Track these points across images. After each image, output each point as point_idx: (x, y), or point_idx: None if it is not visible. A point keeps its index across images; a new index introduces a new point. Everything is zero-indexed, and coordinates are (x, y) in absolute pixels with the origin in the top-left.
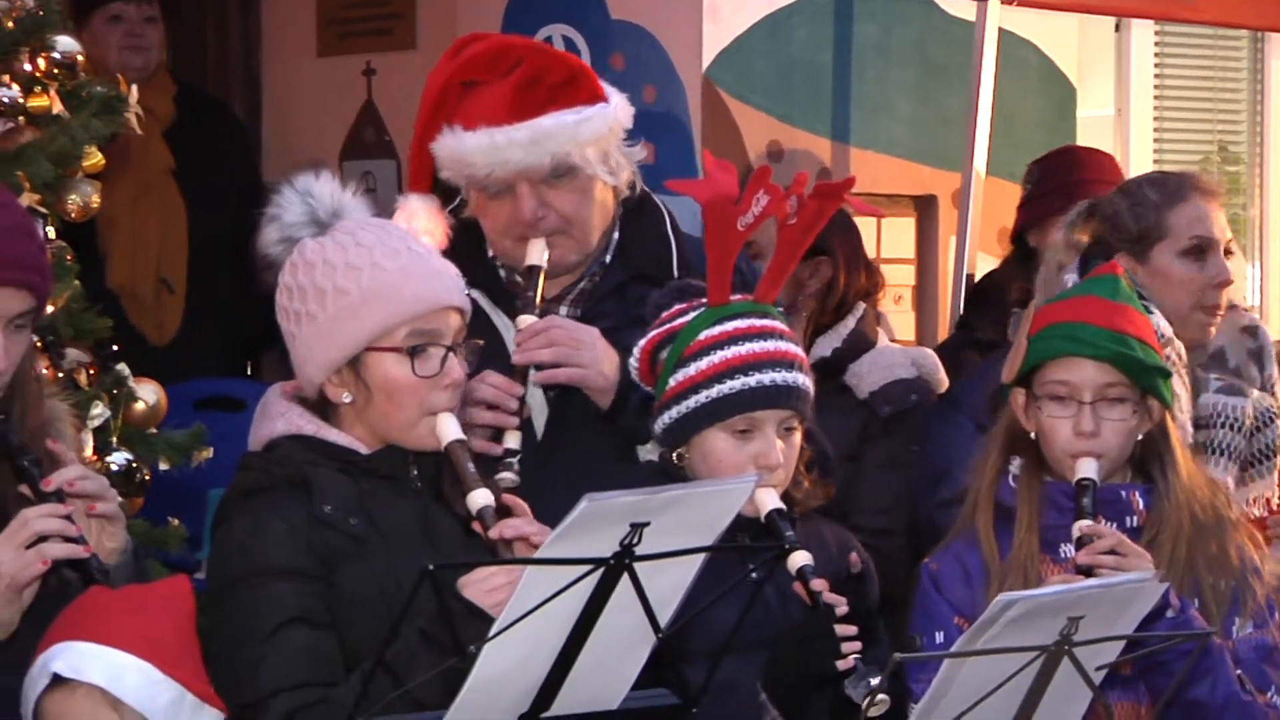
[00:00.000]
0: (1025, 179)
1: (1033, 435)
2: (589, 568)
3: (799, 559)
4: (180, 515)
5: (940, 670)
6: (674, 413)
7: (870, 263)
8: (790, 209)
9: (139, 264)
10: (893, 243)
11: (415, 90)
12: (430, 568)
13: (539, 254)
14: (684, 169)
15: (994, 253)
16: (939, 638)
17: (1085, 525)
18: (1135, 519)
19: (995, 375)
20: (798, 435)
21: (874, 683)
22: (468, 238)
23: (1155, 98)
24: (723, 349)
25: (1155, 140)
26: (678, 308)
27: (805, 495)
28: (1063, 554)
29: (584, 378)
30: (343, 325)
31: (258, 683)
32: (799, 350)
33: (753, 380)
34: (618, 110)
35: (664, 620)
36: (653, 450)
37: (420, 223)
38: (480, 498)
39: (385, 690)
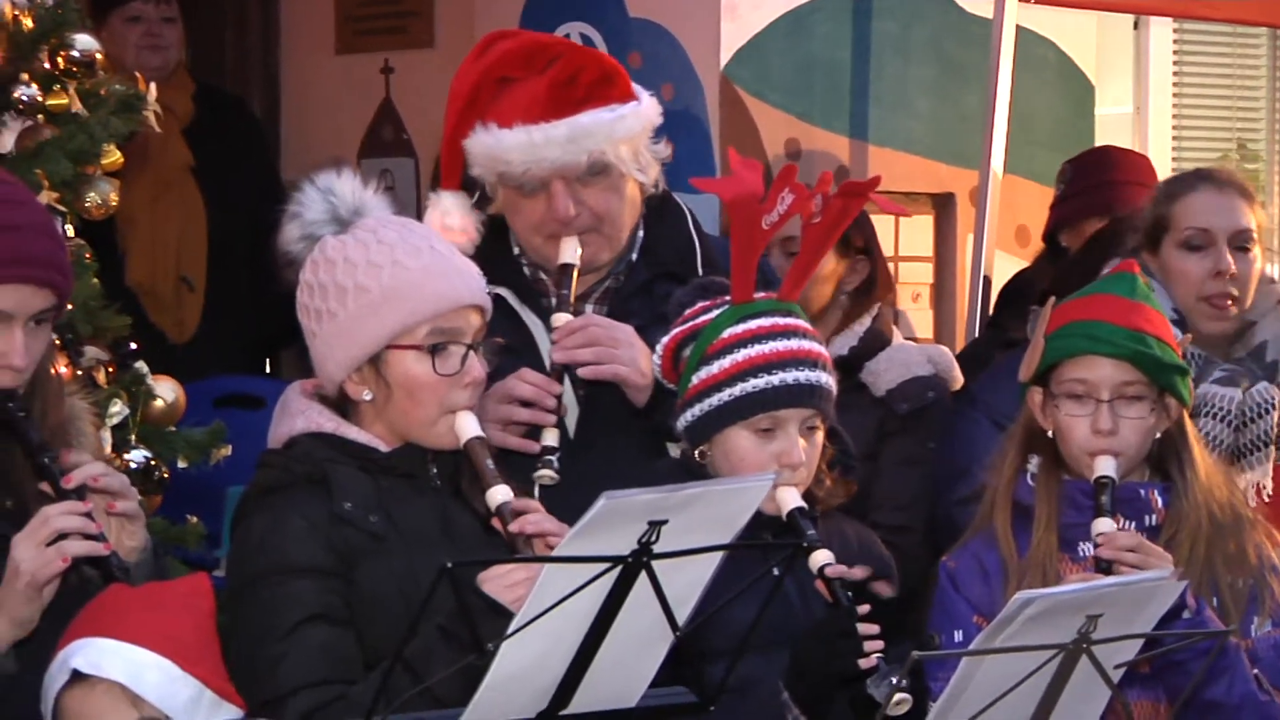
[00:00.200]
0: (1058, 178)
1: (1050, 434)
2: (607, 565)
3: (821, 557)
4: (199, 513)
5: (958, 668)
6: (696, 410)
7: (885, 261)
8: (815, 208)
9: (158, 262)
10: (911, 241)
11: (433, 88)
12: (449, 565)
13: (572, 252)
14: (702, 167)
15: (1012, 251)
16: (958, 636)
17: (1104, 525)
18: (1154, 517)
19: (1014, 373)
20: (820, 434)
21: (896, 682)
22: (492, 234)
23: (1174, 95)
24: (746, 347)
25: (1174, 138)
26: (701, 305)
27: (827, 493)
28: (1081, 552)
29: (623, 375)
30: (363, 323)
31: (278, 680)
32: (822, 349)
33: (776, 379)
34: (649, 109)
35: (682, 618)
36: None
37: (454, 220)
38: (499, 495)
39: (404, 687)
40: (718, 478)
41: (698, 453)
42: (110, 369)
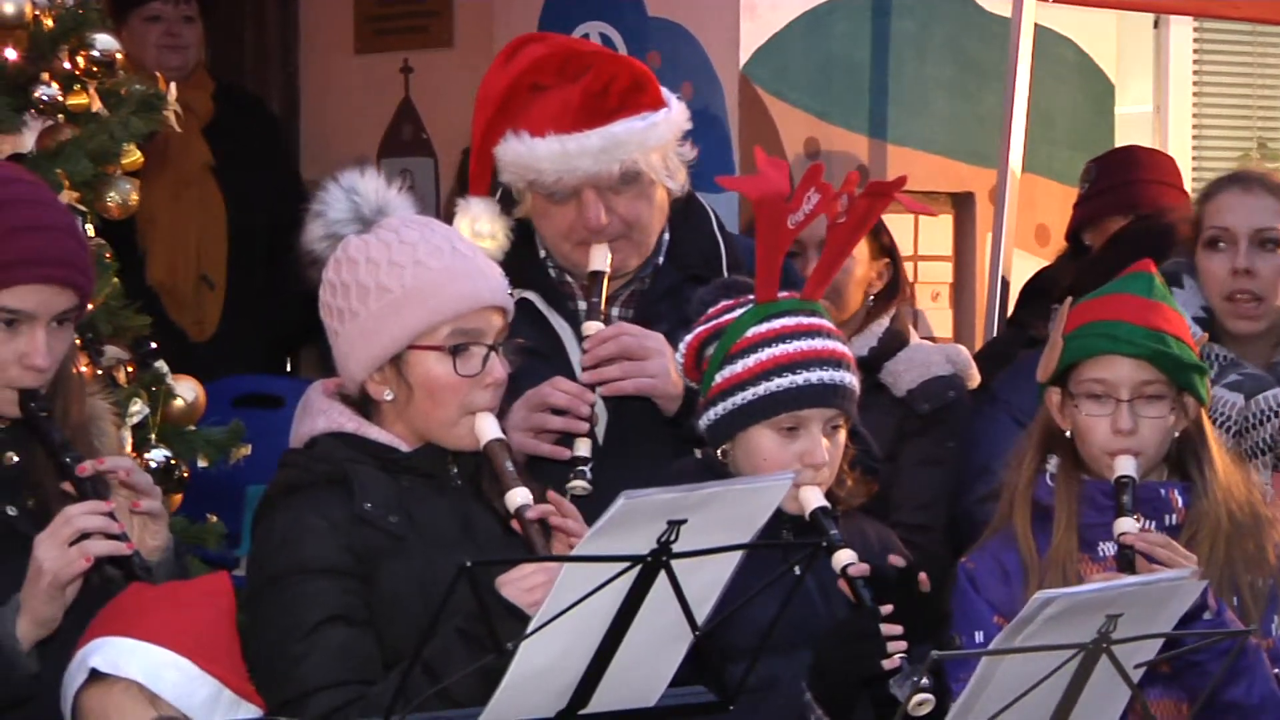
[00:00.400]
0: (1082, 177)
1: (1068, 434)
2: (626, 565)
3: (844, 557)
4: (218, 512)
5: (978, 668)
6: (719, 409)
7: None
8: (840, 208)
9: (178, 260)
10: (930, 240)
11: (452, 88)
12: (467, 565)
13: (603, 260)
14: (721, 166)
15: (1031, 250)
16: (978, 637)
17: (1126, 525)
18: (1174, 517)
19: (1035, 372)
20: (842, 434)
21: (919, 682)
22: (518, 238)
23: (1194, 94)
24: (770, 346)
25: (1194, 137)
26: (724, 304)
27: (848, 493)
28: (1101, 553)
29: (653, 387)
30: (385, 323)
31: (297, 680)
32: (846, 349)
33: (800, 379)
34: (678, 115)
35: (702, 617)
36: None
37: (484, 225)
38: (518, 497)
39: (423, 688)
40: (740, 477)
41: (720, 452)
42: (130, 368)
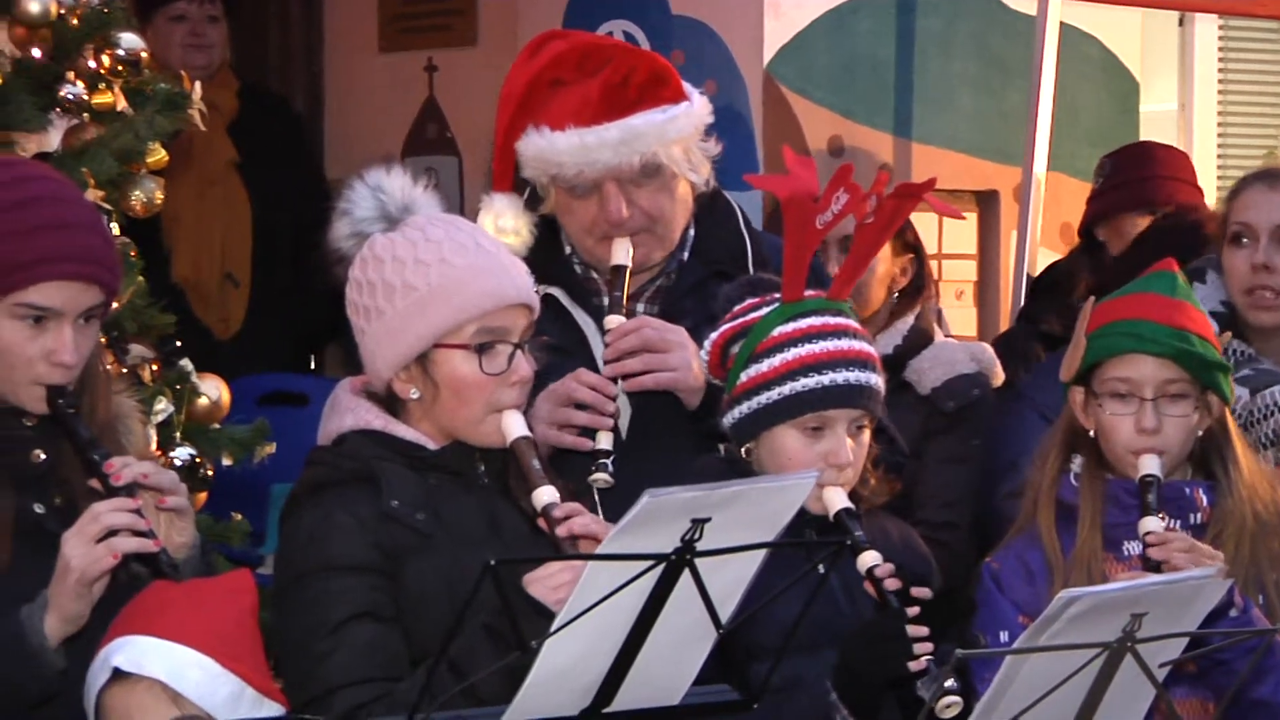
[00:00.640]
0: (1096, 172)
1: (1092, 433)
2: (650, 563)
3: (869, 558)
4: (243, 510)
5: (1002, 667)
6: (744, 408)
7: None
8: (869, 208)
9: (203, 258)
10: (954, 238)
11: (477, 86)
12: (492, 563)
13: (625, 253)
14: (745, 164)
15: (1056, 248)
16: (1003, 636)
17: (1152, 524)
18: (1199, 516)
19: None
20: (867, 433)
21: (947, 684)
22: (544, 234)
23: (1219, 92)
24: (796, 346)
25: (1219, 135)
26: (749, 302)
27: (871, 492)
28: (1126, 552)
29: (674, 381)
30: (411, 321)
31: (324, 677)
32: (872, 349)
33: (826, 379)
34: (700, 108)
35: (725, 616)
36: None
37: (507, 221)
38: (545, 494)
39: (448, 685)
40: (764, 475)
41: (744, 450)
42: (155, 367)
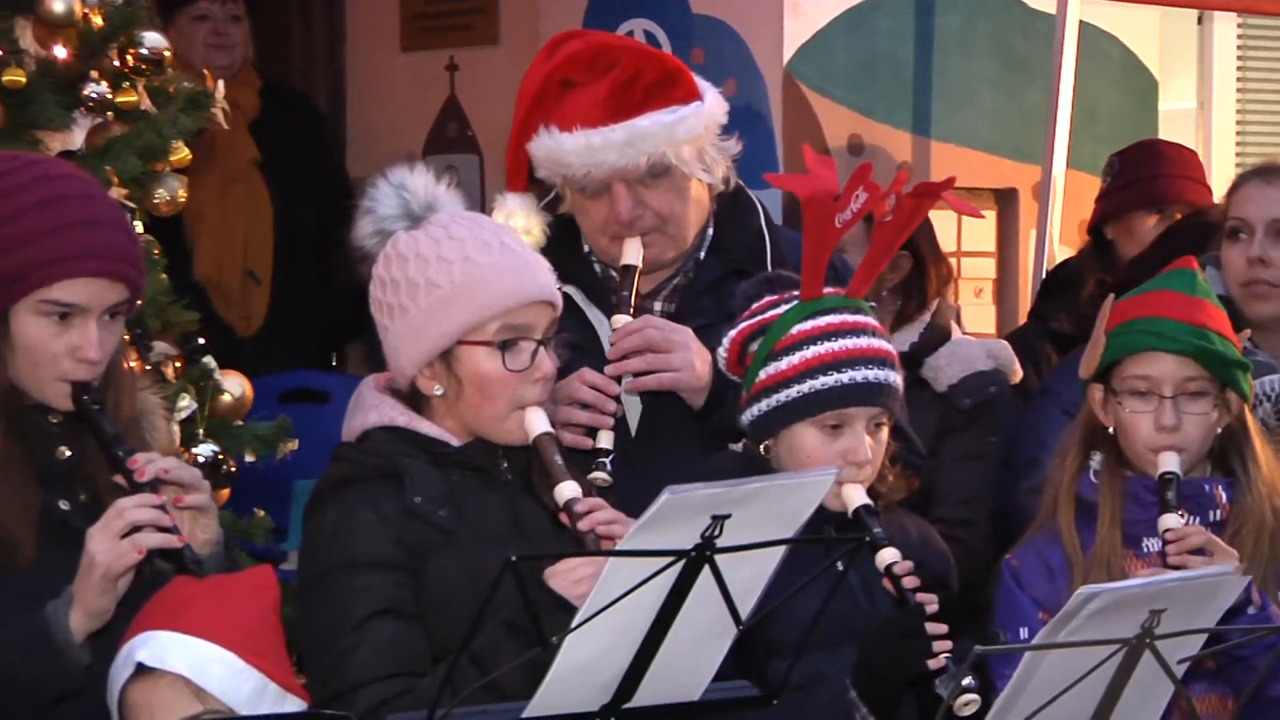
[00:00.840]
0: (1105, 171)
1: (1111, 430)
2: (671, 559)
3: (888, 555)
4: (265, 506)
5: (1021, 663)
6: (763, 406)
7: (943, 255)
8: (888, 207)
9: (225, 255)
10: (973, 236)
11: (498, 85)
12: (514, 558)
13: (635, 254)
14: (765, 163)
15: (1075, 246)
16: (1023, 633)
17: (1171, 521)
18: (1218, 513)
19: None
20: (885, 431)
21: (965, 682)
22: (563, 234)
23: (1238, 91)
24: (815, 344)
25: (1238, 133)
26: (768, 299)
27: (889, 489)
28: (1145, 548)
29: (676, 381)
30: (434, 318)
31: (347, 673)
32: (890, 347)
33: (845, 377)
34: (713, 108)
35: (745, 612)
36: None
37: (519, 221)
38: (567, 490)
39: (470, 680)
40: (783, 473)
41: (763, 447)
42: (178, 364)
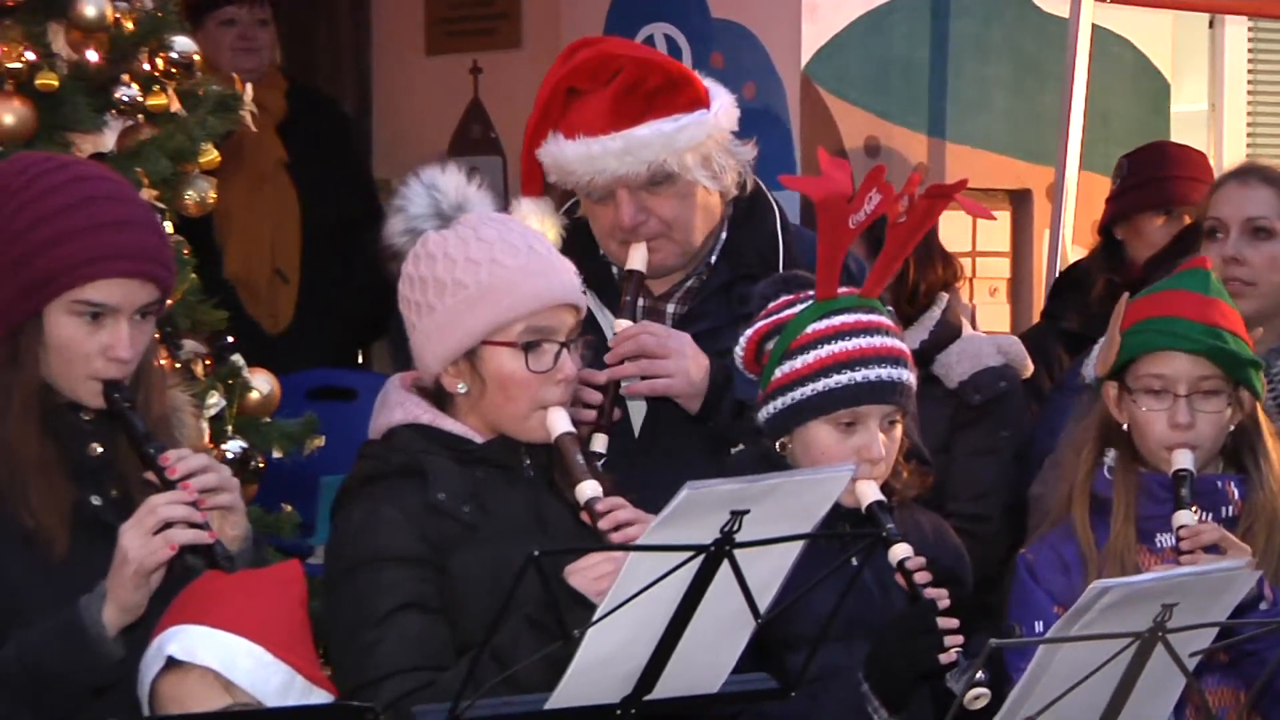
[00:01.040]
0: (1115, 173)
1: (1125, 427)
2: (690, 554)
3: (900, 551)
4: (293, 502)
5: (1035, 656)
6: (779, 404)
7: (946, 253)
8: (901, 208)
9: (254, 255)
10: (988, 236)
11: (520, 88)
12: (535, 553)
13: (639, 259)
14: (783, 165)
15: (1088, 246)
16: (1038, 627)
17: (1185, 518)
18: (1231, 509)
19: None
20: (899, 428)
21: (975, 677)
22: (582, 237)
23: (1249, 93)
24: (830, 343)
25: (1249, 135)
26: (784, 299)
27: (904, 485)
28: (1159, 544)
29: (668, 387)
30: (460, 318)
31: (372, 665)
32: (904, 346)
33: (859, 375)
34: (719, 115)
35: (764, 606)
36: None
37: (532, 224)
38: (588, 489)
39: (492, 674)
40: (800, 469)
41: (779, 445)
42: (208, 362)
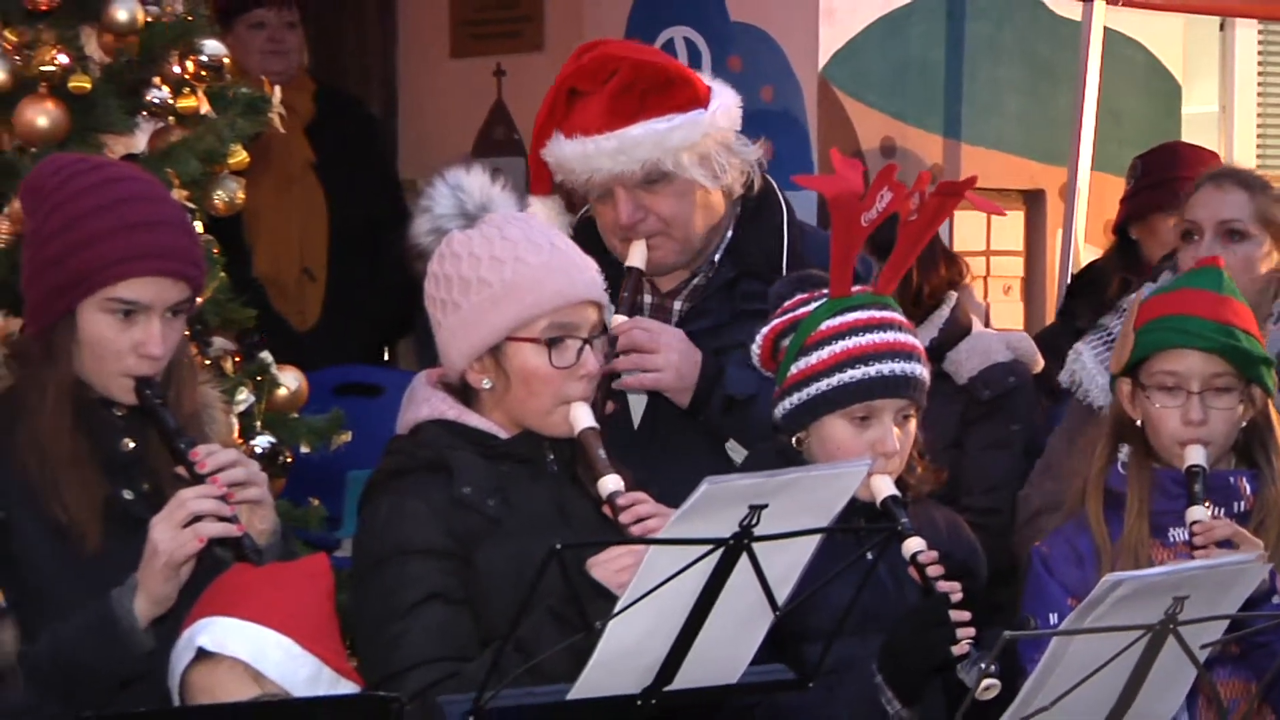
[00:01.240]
0: (1129, 173)
1: (1139, 423)
2: (710, 547)
3: (914, 545)
4: (320, 496)
5: (1049, 648)
6: (795, 399)
7: (950, 253)
8: (913, 206)
9: (282, 254)
10: (1002, 235)
11: (543, 90)
12: (558, 546)
13: (639, 257)
14: (801, 165)
15: (1100, 245)
16: (1052, 619)
17: (1199, 513)
18: (1243, 504)
19: None
20: (913, 423)
21: (985, 667)
22: (591, 235)
23: (1259, 95)
24: (844, 339)
25: (1259, 136)
26: (799, 298)
27: (918, 481)
28: (1171, 538)
29: (656, 381)
30: (484, 315)
31: (398, 656)
32: (917, 341)
33: (873, 370)
34: (716, 115)
35: (781, 599)
36: (737, 449)
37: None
38: (611, 484)
39: (516, 665)
40: (816, 464)
41: (795, 440)
42: (237, 359)
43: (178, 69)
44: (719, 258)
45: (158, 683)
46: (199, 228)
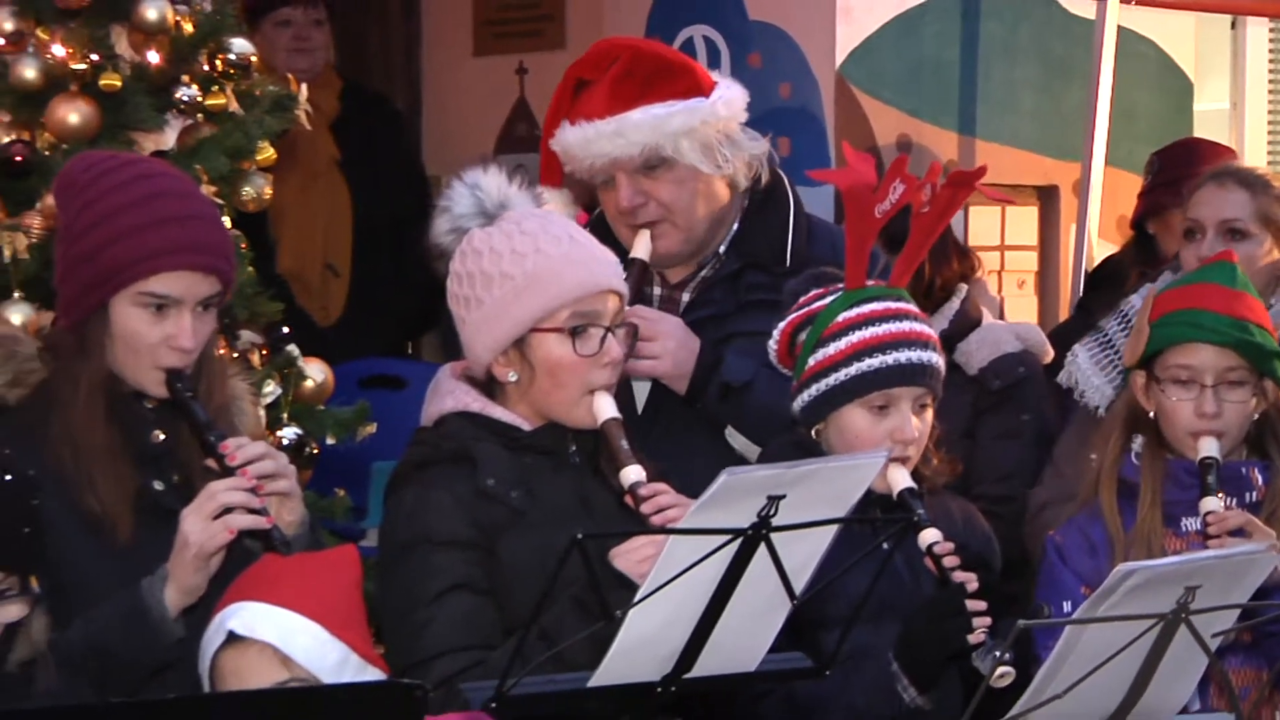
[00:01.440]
0: (1146, 169)
1: (1153, 415)
2: (729, 537)
3: (930, 535)
4: (345, 487)
5: (1062, 636)
6: (813, 390)
7: (961, 247)
8: (925, 197)
9: (306, 250)
10: (1016, 230)
11: None
12: (579, 535)
13: (643, 248)
14: (818, 161)
15: (1113, 240)
16: (1066, 607)
17: (1212, 504)
18: (1255, 494)
19: None
20: (930, 412)
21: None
22: (602, 227)
23: (1270, 92)
24: (860, 329)
25: (1270, 133)
26: (815, 293)
27: (934, 472)
28: (1184, 528)
29: (651, 369)
30: (508, 308)
31: (423, 644)
32: (932, 331)
33: (890, 359)
34: (718, 105)
35: (799, 588)
36: (735, 435)
37: None
38: (633, 474)
39: (539, 653)
40: (833, 455)
41: (813, 431)
42: (264, 352)
43: (206, 67)
44: (724, 249)
45: (188, 671)
46: (227, 223)
